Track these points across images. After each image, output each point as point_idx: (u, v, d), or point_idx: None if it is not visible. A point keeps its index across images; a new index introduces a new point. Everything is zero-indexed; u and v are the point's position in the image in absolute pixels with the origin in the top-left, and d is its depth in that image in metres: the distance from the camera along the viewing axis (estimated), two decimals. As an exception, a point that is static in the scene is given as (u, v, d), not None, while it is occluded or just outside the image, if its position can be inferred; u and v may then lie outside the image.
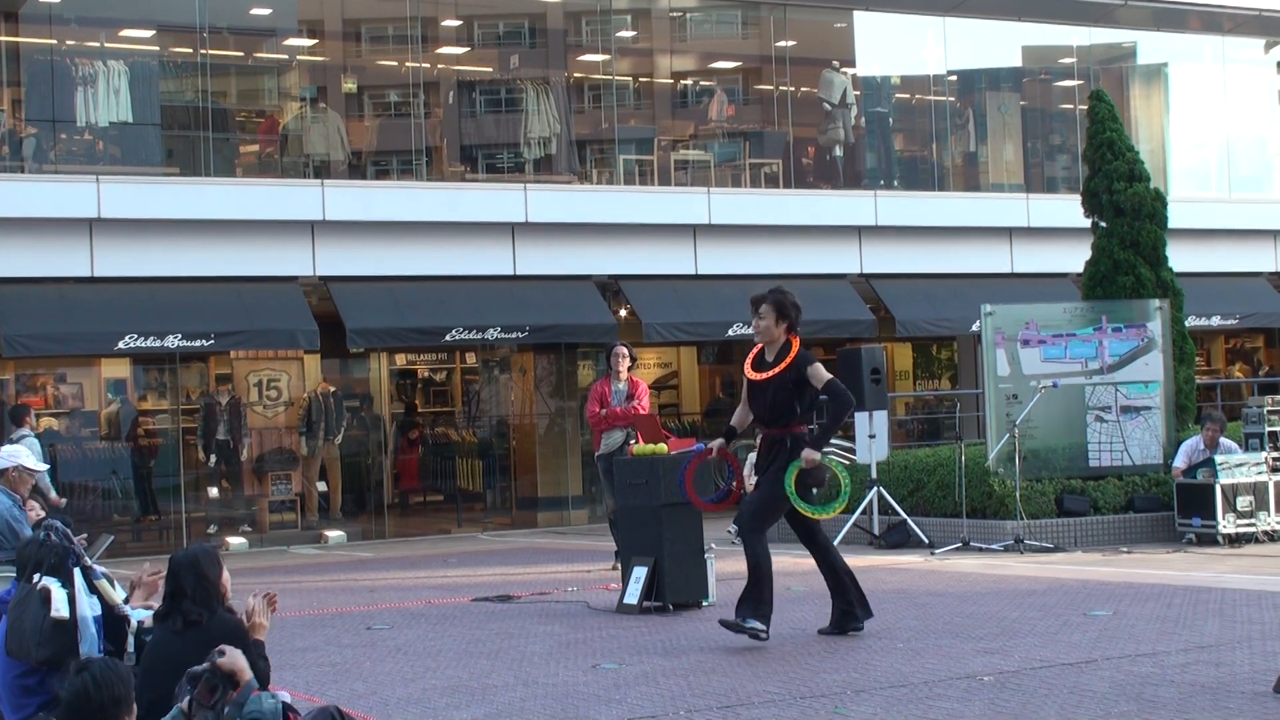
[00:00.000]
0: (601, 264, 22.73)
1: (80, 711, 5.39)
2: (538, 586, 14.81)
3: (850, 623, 10.88)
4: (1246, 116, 28.96)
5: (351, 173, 23.06)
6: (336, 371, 24.43)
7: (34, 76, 21.26)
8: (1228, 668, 9.03)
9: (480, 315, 21.83)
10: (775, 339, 10.79)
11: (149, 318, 20.03)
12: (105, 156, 21.24)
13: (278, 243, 20.92)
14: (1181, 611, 11.48)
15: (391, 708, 8.86)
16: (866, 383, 17.91)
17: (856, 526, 17.61)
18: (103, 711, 5.38)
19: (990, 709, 8.10)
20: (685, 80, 27.45)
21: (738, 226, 23.47)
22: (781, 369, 10.60)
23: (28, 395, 22.00)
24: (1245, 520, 16.41)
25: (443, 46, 24.61)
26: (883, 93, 27.04)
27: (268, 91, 24.51)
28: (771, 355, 10.78)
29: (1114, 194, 19.02)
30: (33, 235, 19.66)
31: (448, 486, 25.66)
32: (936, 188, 26.22)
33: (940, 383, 30.02)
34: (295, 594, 15.01)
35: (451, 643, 11.41)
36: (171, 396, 22.80)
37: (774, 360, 10.72)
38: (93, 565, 8.14)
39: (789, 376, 10.60)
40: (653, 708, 8.56)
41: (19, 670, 7.99)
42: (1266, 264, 27.77)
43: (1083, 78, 27.28)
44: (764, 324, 10.80)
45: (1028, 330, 17.72)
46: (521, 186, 22.47)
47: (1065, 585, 13.41)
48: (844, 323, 23.92)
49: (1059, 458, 17.58)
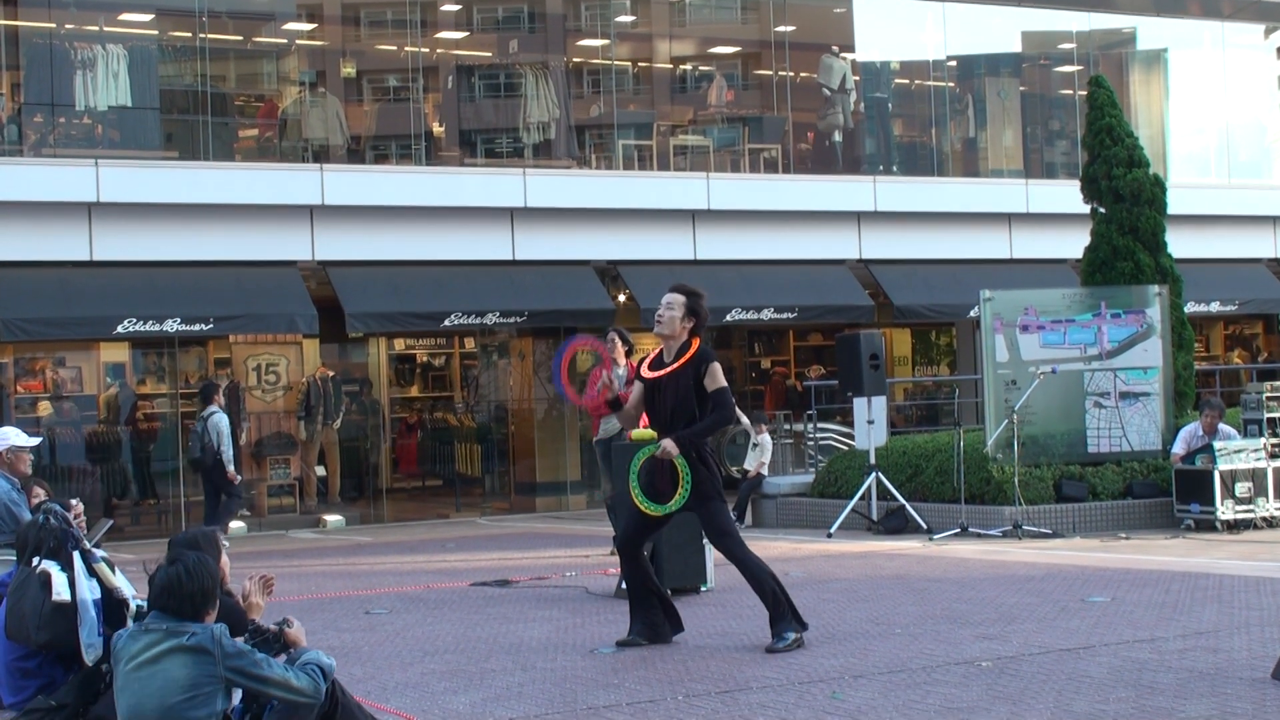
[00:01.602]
0: (600, 249, 22.72)
1: (171, 594, 6.16)
2: (536, 571, 14.82)
3: (652, 636, 10.09)
4: (1246, 102, 28.93)
5: (350, 157, 23.04)
6: (335, 356, 24.42)
7: (33, 60, 21.23)
8: (1226, 654, 9.04)
9: (479, 300, 21.82)
10: (677, 335, 9.93)
11: (148, 302, 20.03)
12: (104, 140, 21.22)
13: (277, 227, 20.91)
14: (1180, 597, 11.49)
15: (390, 691, 8.87)
16: (865, 368, 17.91)
17: (855, 512, 17.61)
18: (191, 601, 6.16)
19: (988, 694, 8.11)
20: (684, 65, 27.42)
21: (737, 212, 23.46)
22: (681, 364, 9.84)
23: (27, 379, 22.01)
24: (1244, 506, 16.41)
25: (442, 31, 24.58)
26: (882, 78, 27.00)
27: (267, 76, 24.47)
28: (670, 356, 9.97)
29: (1113, 180, 19.01)
30: (31, 219, 19.64)
31: (446, 471, 25.68)
32: (935, 173, 26.20)
33: (939, 368, 30.02)
34: (293, 578, 15.02)
35: (450, 627, 11.41)
36: (170, 380, 22.80)
37: (672, 360, 9.93)
38: (92, 549, 8.15)
39: (689, 375, 9.84)
40: (651, 693, 8.57)
41: (18, 653, 8.00)
42: (1266, 250, 27.76)
43: (1082, 63, 27.26)
44: (670, 315, 9.93)
45: (1026, 316, 17.71)
46: (520, 171, 22.45)
47: (1063, 571, 13.42)
48: (843, 308, 23.92)
49: (1057, 443, 17.58)
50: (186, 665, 6.09)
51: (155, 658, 6.12)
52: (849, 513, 17.56)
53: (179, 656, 6.10)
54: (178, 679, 6.09)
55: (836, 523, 17.48)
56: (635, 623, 10.16)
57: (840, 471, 19.19)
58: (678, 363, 9.89)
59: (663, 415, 9.96)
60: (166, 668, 6.10)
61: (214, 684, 6.11)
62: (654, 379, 10.00)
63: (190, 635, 6.11)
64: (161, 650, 6.11)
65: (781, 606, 9.84)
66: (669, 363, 9.95)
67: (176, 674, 6.09)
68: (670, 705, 8.21)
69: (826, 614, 11.26)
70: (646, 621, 10.13)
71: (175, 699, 6.08)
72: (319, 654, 6.48)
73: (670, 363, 9.94)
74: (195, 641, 6.09)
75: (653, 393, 10.03)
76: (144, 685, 6.13)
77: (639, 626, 10.13)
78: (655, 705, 8.23)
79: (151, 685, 6.11)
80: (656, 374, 9.99)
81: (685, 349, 9.92)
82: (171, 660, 6.10)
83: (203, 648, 6.09)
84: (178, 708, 6.08)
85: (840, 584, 13.17)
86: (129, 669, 6.17)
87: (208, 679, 6.10)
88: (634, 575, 10.19)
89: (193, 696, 6.09)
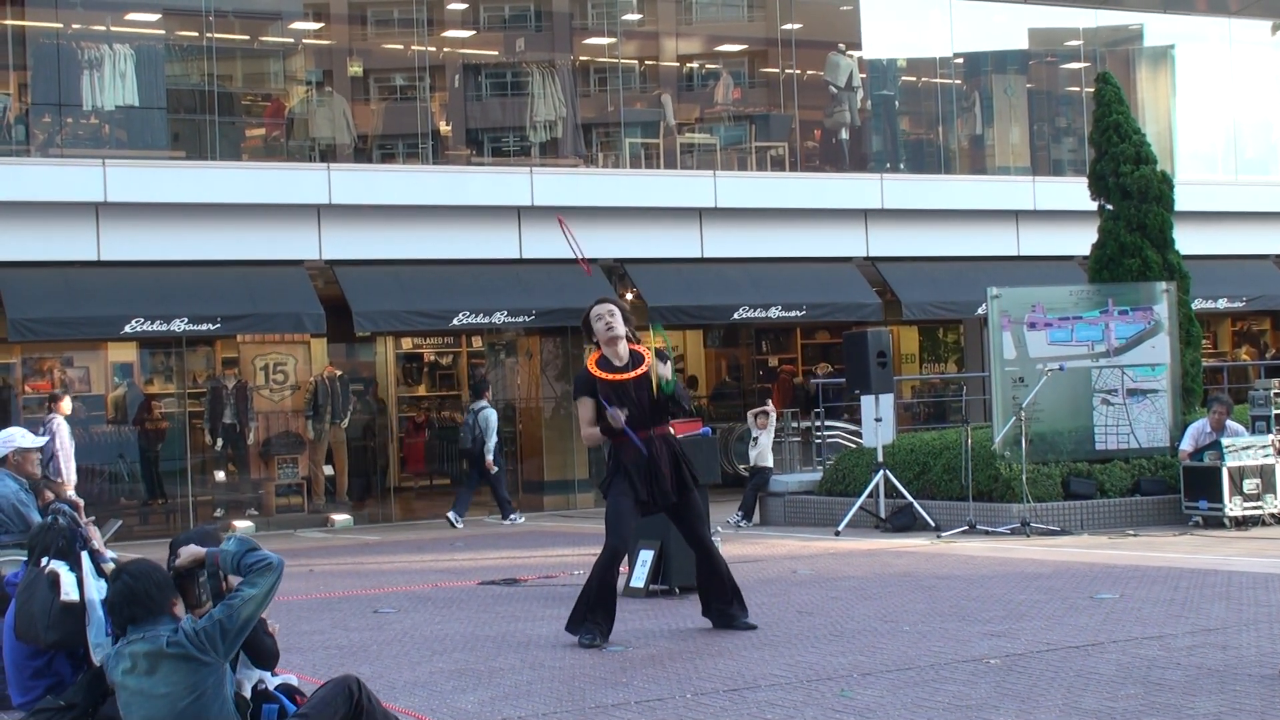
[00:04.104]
0: (607, 247, 22.71)
1: (130, 602, 6.23)
2: (544, 570, 14.83)
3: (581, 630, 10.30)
4: (1253, 99, 28.88)
5: (357, 156, 23.05)
6: (343, 355, 24.43)
7: (40, 60, 21.24)
8: (1234, 651, 9.03)
9: (486, 299, 21.83)
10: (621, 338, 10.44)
11: (155, 301, 20.04)
12: (111, 140, 21.24)
13: (284, 226, 20.93)
14: (1188, 594, 11.48)
15: (398, 690, 8.88)
16: (872, 366, 17.91)
17: (863, 510, 17.60)
18: (149, 597, 6.23)
19: (997, 692, 8.11)
20: (691, 63, 27.41)
21: (744, 210, 23.45)
22: (646, 368, 10.28)
23: (34, 379, 22.03)
24: (1252, 503, 16.39)
25: (448, 30, 24.59)
26: (888, 76, 26.98)
27: (273, 75, 24.49)
28: (621, 360, 10.37)
29: (1120, 177, 19.00)
30: (39, 219, 19.67)
31: (454, 470, 25.68)
32: (942, 171, 26.18)
33: (946, 366, 30.01)
34: (302, 578, 15.02)
35: (458, 626, 11.42)
36: (178, 380, 22.82)
37: (629, 364, 10.34)
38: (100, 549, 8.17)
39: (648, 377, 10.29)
40: (659, 690, 8.57)
41: (28, 653, 8.02)
42: (1273, 246, 27.73)
43: (1089, 60, 27.23)
44: (617, 323, 10.41)
45: (1034, 313, 17.70)
46: (527, 170, 22.46)
47: (1071, 568, 13.41)
48: (850, 306, 23.90)
49: (1065, 441, 17.57)
50: (179, 670, 6.12)
51: (148, 670, 6.15)
52: (857, 510, 17.55)
53: (168, 663, 6.13)
54: (177, 684, 6.11)
55: (844, 520, 17.47)
56: (605, 625, 10.27)
57: (848, 469, 19.18)
58: (641, 368, 10.31)
59: (643, 412, 10.28)
60: (163, 677, 6.14)
61: (214, 672, 6.14)
62: (628, 380, 10.33)
63: (167, 642, 6.12)
64: (150, 663, 6.15)
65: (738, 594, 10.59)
66: (626, 365, 10.35)
67: (174, 679, 6.12)
68: (678, 703, 8.21)
69: (835, 612, 11.26)
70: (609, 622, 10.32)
71: (184, 703, 6.10)
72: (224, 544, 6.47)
73: (630, 366, 10.34)
74: (177, 650, 6.11)
75: (618, 393, 10.30)
76: (149, 700, 6.16)
77: (606, 628, 10.26)
78: (663, 703, 8.23)
79: (155, 697, 6.14)
80: (627, 375, 10.32)
81: (638, 356, 10.37)
82: (163, 668, 6.13)
83: (185, 654, 6.11)
84: (190, 710, 6.10)
85: (848, 582, 13.16)
86: (128, 687, 6.20)
87: (205, 671, 6.13)
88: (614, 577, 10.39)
89: (199, 695, 6.11)
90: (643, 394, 10.30)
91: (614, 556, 10.24)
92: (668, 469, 10.32)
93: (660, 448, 10.33)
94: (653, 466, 10.28)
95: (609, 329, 10.39)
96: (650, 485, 10.29)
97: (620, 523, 10.26)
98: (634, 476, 10.27)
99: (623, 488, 10.28)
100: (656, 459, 10.28)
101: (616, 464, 10.38)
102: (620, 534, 10.27)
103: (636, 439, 10.21)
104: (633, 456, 10.28)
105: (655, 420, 10.36)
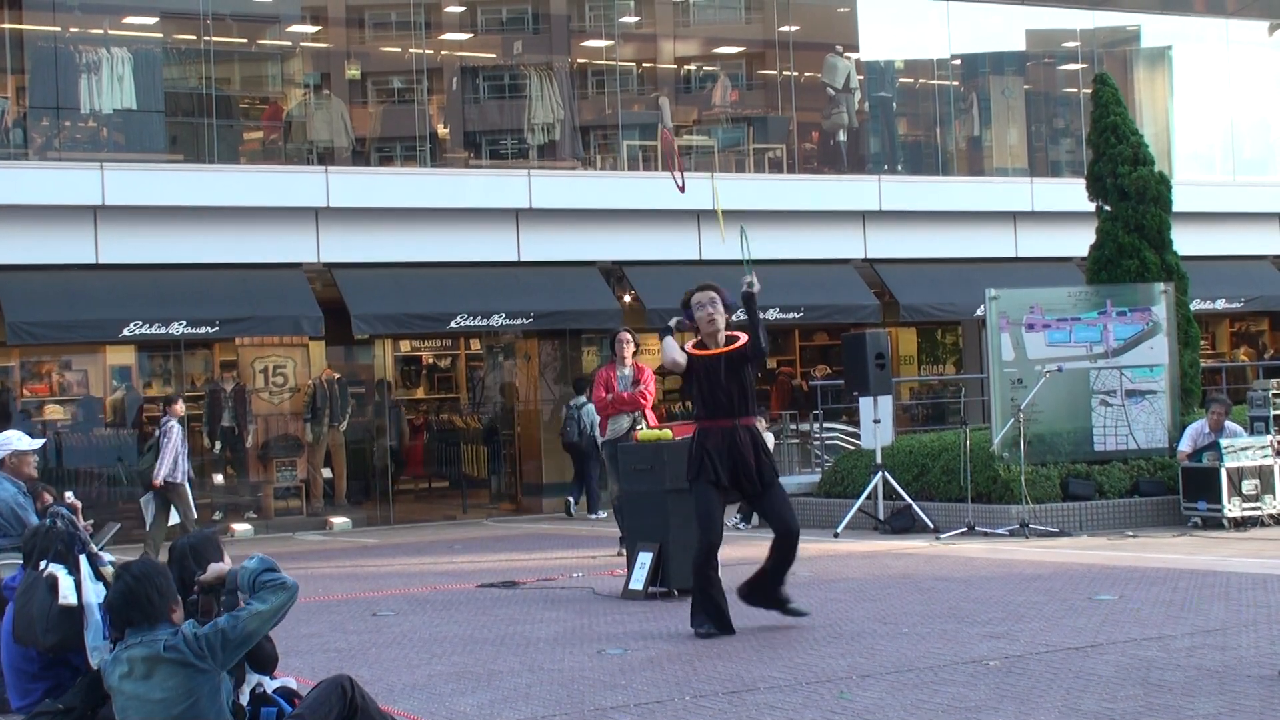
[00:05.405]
0: (605, 250, 22.72)
1: (131, 605, 6.21)
2: (543, 572, 14.82)
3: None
4: (1251, 99, 28.90)
5: (355, 159, 23.06)
6: (341, 358, 24.42)
7: (38, 64, 21.25)
8: (1234, 651, 9.03)
9: (485, 301, 21.83)
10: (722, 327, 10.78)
11: (154, 305, 20.04)
12: (109, 143, 21.24)
13: (282, 229, 20.93)
14: (1187, 595, 11.48)
15: (397, 694, 8.87)
16: (871, 367, 17.90)
17: (862, 511, 17.60)
18: (148, 601, 6.21)
19: (996, 693, 8.11)
20: (689, 66, 27.42)
21: (742, 212, 23.40)
22: (738, 347, 10.54)
23: (33, 383, 22.02)
24: (1251, 504, 16.39)
25: (446, 32, 24.60)
26: (886, 77, 27.00)
27: (271, 78, 24.49)
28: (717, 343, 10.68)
29: (1118, 178, 19.00)
30: (37, 222, 19.67)
31: (453, 473, 25.67)
32: (940, 172, 26.19)
33: (945, 367, 29.99)
34: (300, 580, 14.96)
35: (457, 629, 11.42)
36: (176, 383, 22.81)
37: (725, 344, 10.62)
38: (98, 552, 8.16)
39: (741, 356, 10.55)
40: (658, 693, 8.57)
41: (25, 656, 8.01)
42: (1271, 247, 27.74)
43: (1087, 61, 27.25)
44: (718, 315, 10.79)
45: (1032, 314, 17.69)
46: (525, 172, 22.46)
47: (1070, 570, 13.41)
48: (848, 307, 23.91)
49: (1064, 442, 17.57)
50: (175, 674, 6.12)
51: (145, 674, 6.16)
52: (855, 512, 17.55)
53: (164, 668, 6.13)
54: (173, 689, 6.11)
55: (843, 522, 17.47)
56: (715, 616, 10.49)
57: (846, 471, 19.19)
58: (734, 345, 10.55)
59: (729, 398, 10.45)
60: (159, 681, 6.14)
61: (210, 679, 6.13)
62: (713, 356, 10.53)
63: (164, 647, 6.13)
64: (146, 667, 6.15)
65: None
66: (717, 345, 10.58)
67: (170, 684, 6.12)
68: (677, 706, 8.21)
69: (833, 614, 11.25)
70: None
71: (179, 708, 6.10)
72: (243, 565, 6.49)
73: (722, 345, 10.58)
74: (174, 656, 6.12)
75: (708, 371, 10.49)
76: (145, 705, 6.16)
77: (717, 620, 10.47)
78: (662, 706, 8.23)
79: (151, 702, 6.14)
80: (719, 351, 10.55)
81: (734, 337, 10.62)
82: (159, 672, 6.14)
83: (182, 659, 6.12)
84: (185, 715, 6.10)
85: (847, 583, 13.16)
86: (125, 692, 6.20)
87: (202, 678, 6.13)
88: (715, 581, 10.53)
89: (195, 701, 6.11)
90: (732, 381, 10.45)
91: (709, 552, 10.41)
92: (752, 459, 10.45)
93: (744, 437, 10.46)
94: (736, 454, 10.41)
95: (710, 322, 10.70)
96: (733, 472, 10.42)
97: (710, 520, 10.42)
98: (716, 461, 10.39)
99: (706, 477, 10.42)
100: (741, 447, 10.41)
101: (701, 449, 10.48)
102: (712, 530, 10.41)
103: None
104: (716, 442, 10.42)
105: (741, 410, 10.48)
